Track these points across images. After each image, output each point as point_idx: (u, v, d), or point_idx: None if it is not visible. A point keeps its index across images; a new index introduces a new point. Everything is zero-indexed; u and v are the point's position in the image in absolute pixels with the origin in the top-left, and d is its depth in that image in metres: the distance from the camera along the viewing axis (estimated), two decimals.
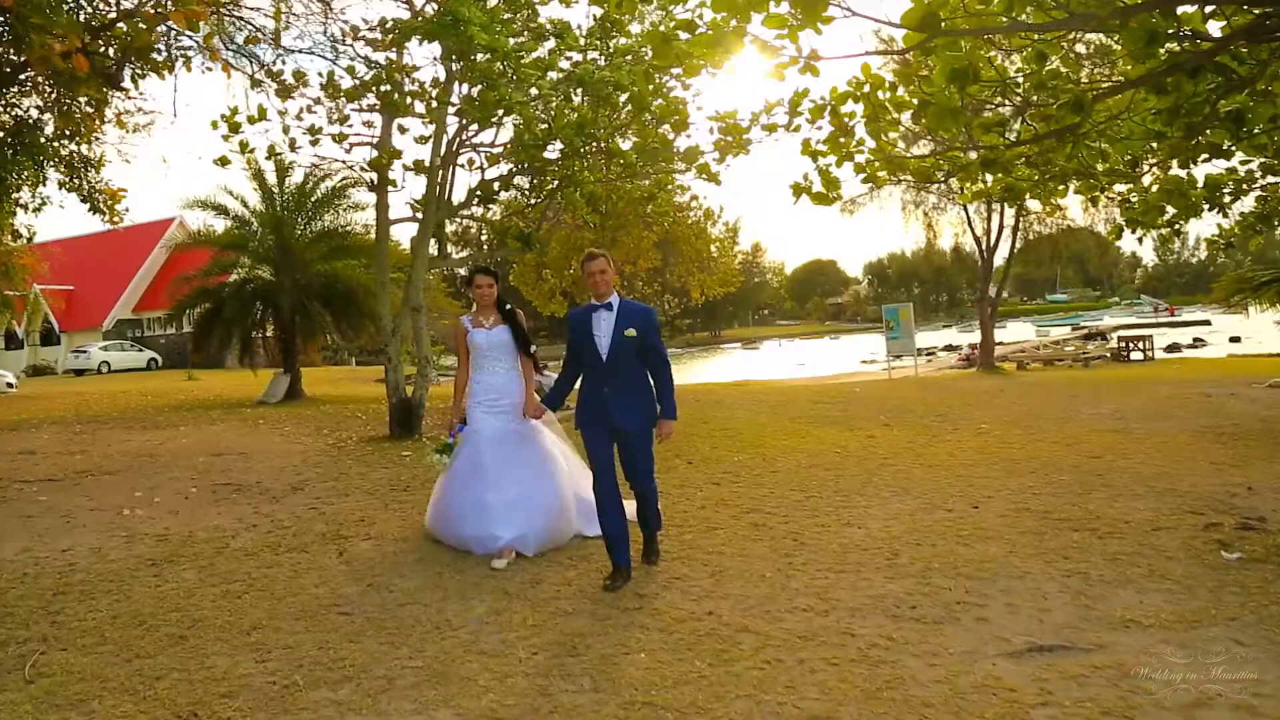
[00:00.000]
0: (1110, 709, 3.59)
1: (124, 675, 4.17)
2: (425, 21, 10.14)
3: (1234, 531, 6.23)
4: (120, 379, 38.13)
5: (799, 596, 5.13)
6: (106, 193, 13.13)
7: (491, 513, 5.94)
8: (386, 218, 12.90)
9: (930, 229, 30.51)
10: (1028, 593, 5.09)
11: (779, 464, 9.63)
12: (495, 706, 3.76)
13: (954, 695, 3.76)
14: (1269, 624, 4.46)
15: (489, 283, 6.33)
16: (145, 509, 7.93)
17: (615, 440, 5.55)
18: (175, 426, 14.70)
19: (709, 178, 13.64)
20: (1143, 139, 8.62)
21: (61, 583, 5.67)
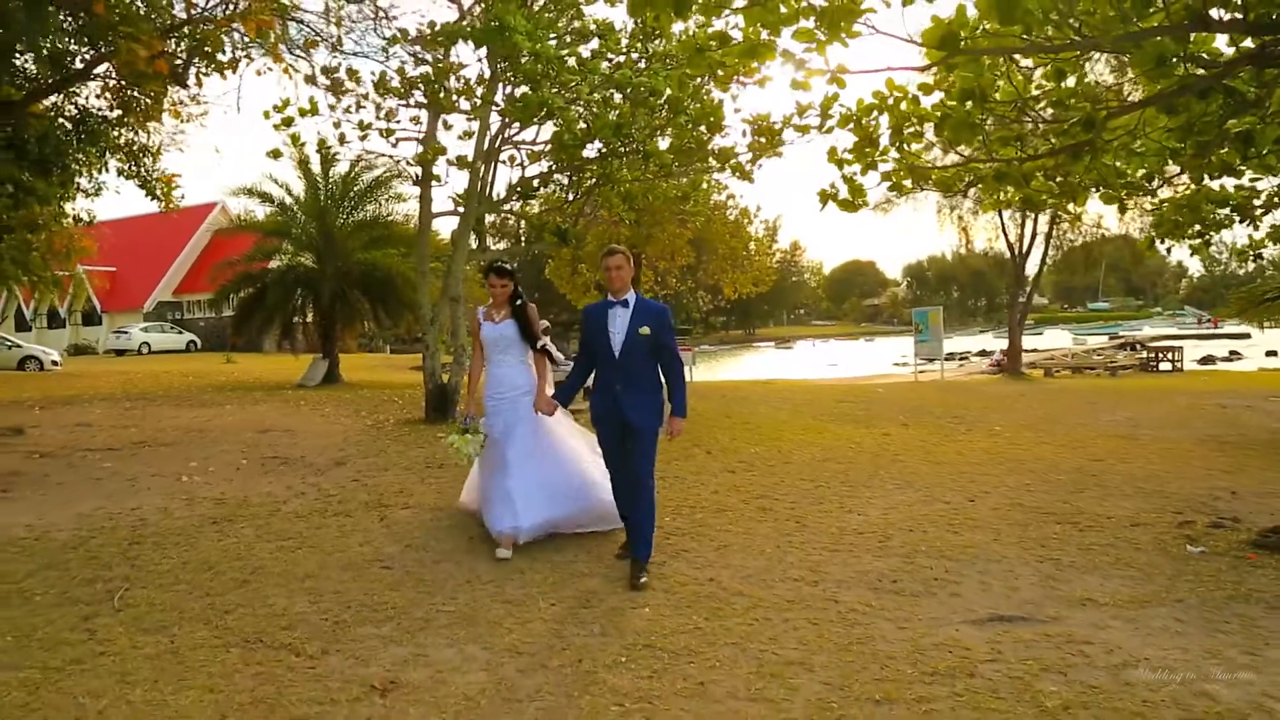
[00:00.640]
0: (1049, 666, 4.11)
1: (198, 608, 4.82)
2: (473, 28, 10.75)
3: (1205, 529, 6.69)
4: (160, 360, 39.11)
5: (792, 569, 5.68)
6: (162, 179, 13.88)
7: (508, 502, 6.01)
8: (429, 211, 13.56)
9: (964, 233, 30.72)
10: (1001, 573, 5.61)
11: (793, 456, 10.13)
12: (516, 644, 4.36)
13: (915, 651, 4.30)
14: (1209, 606, 4.95)
15: (503, 283, 6.32)
16: (201, 477, 8.63)
17: (623, 435, 5.62)
18: (220, 405, 15.46)
19: (743, 176, 14.18)
20: (1157, 155, 9.02)
21: (135, 534, 6.36)
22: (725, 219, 29.13)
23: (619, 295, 5.61)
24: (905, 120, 8.77)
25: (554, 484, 6.19)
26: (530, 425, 6.19)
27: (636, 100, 11.62)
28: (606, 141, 12.13)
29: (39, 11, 7.42)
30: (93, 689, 3.82)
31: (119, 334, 48.63)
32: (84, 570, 5.50)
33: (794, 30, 6.59)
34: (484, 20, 10.80)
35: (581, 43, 13.13)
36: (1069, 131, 8.12)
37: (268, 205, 24.05)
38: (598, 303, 5.85)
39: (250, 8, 7.90)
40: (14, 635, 4.42)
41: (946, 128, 8.18)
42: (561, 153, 12.92)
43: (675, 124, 12.60)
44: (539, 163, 14.11)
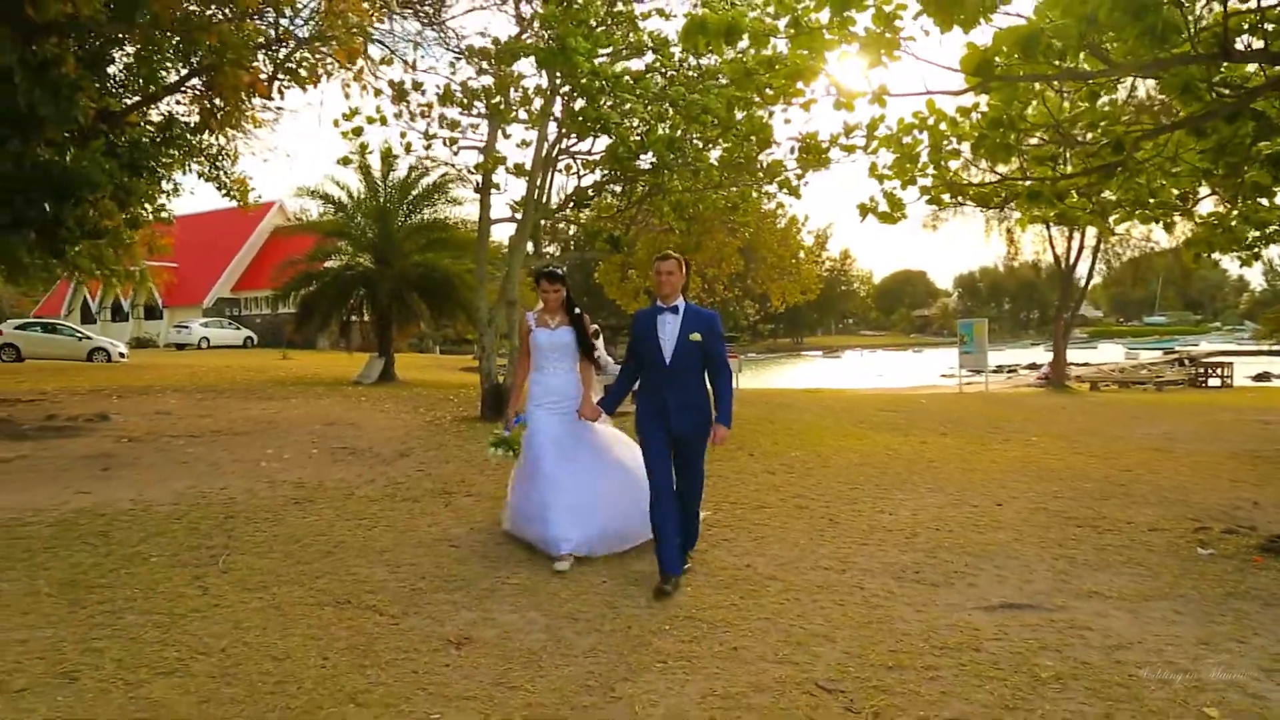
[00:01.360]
0: (1049, 645, 4.58)
1: (292, 573, 5.47)
2: (535, 47, 11.40)
3: (1218, 535, 7.07)
4: (219, 354, 40.32)
5: (823, 559, 6.19)
6: (237, 182, 14.72)
7: (555, 515, 5.89)
8: (488, 217, 14.24)
9: (1012, 244, 30.85)
10: (1017, 569, 6.06)
11: (832, 461, 10.60)
12: (573, 611, 4.93)
13: (928, 630, 4.79)
14: (1208, 601, 5.37)
15: (555, 288, 6.18)
16: (278, 463, 9.33)
17: (672, 443, 5.57)
18: (286, 399, 16.28)
19: (790, 191, 14.71)
20: (1190, 175, 9.39)
21: (228, 510, 7.05)
22: (774, 228, 29.61)
23: (669, 301, 5.55)
24: (944, 139, 9.26)
25: (609, 495, 6.04)
26: (580, 436, 6.10)
27: (689, 116, 12.18)
28: (659, 154, 12.71)
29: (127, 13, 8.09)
30: (213, 632, 4.46)
31: (180, 328, 50.10)
32: (188, 539, 6.19)
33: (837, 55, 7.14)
34: (545, 39, 11.44)
35: (636, 56, 13.75)
36: (1099, 153, 8.54)
37: (329, 206, 24.96)
38: (647, 309, 5.77)
39: (341, 36, 8.62)
40: (140, 589, 5.10)
41: (983, 147, 8.68)
42: (616, 164, 13.54)
43: (726, 138, 13.15)
44: (593, 172, 14.76)
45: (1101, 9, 5.26)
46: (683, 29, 8.46)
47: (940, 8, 5.84)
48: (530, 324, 6.27)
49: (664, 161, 13.18)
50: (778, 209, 28.34)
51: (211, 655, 4.20)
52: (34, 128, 8.90)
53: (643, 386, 5.72)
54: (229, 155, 13.73)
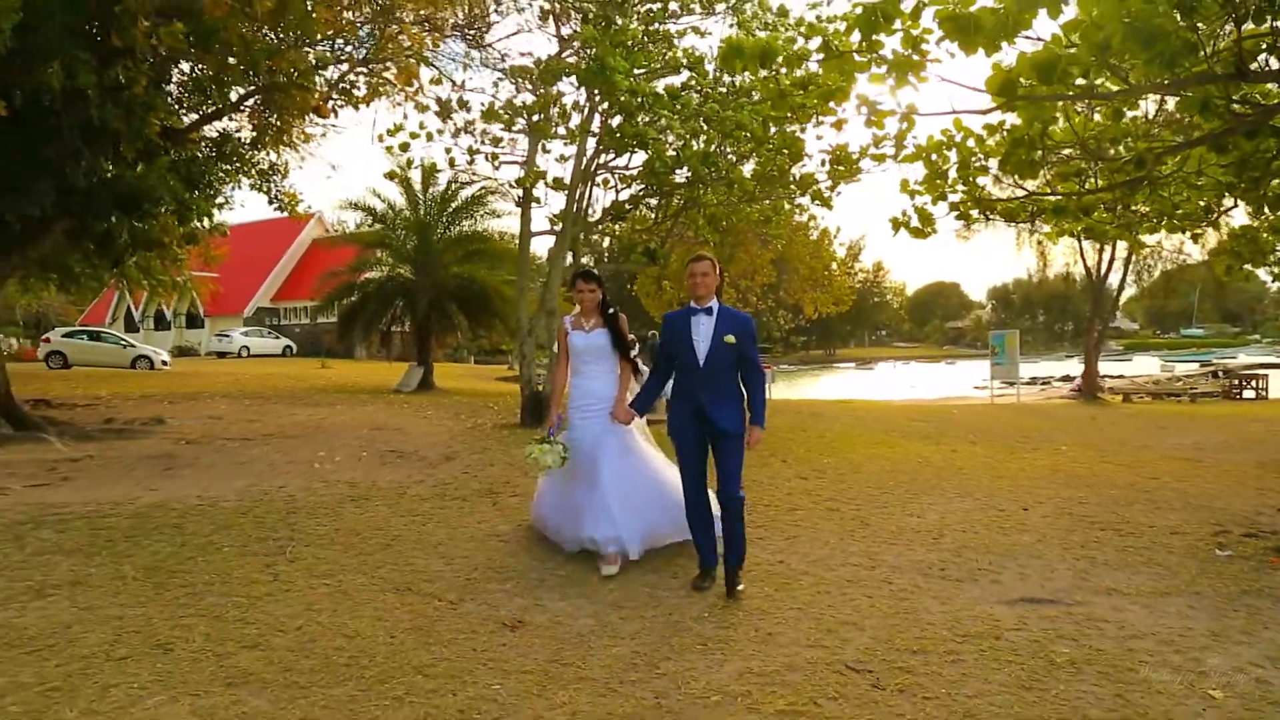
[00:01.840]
0: (1065, 635, 4.87)
1: (354, 563, 5.87)
2: (576, 67, 11.83)
3: (1238, 538, 7.29)
4: (260, 363, 41.03)
5: (853, 557, 6.49)
6: (287, 195, 15.26)
7: (592, 516, 5.95)
8: (529, 230, 14.67)
9: (1043, 257, 30.91)
10: (1040, 567, 6.33)
11: (863, 468, 10.87)
12: (618, 600, 5.29)
13: (952, 620, 5.09)
14: (1222, 598, 5.62)
15: (590, 288, 6.18)
16: (330, 465, 9.77)
17: (709, 443, 5.58)
18: (331, 405, 16.80)
19: (822, 203, 15.03)
20: (1214, 189, 9.62)
21: (289, 506, 7.48)
22: (806, 239, 29.88)
23: (703, 303, 5.52)
24: (972, 156, 9.56)
25: (651, 494, 6.11)
26: (621, 438, 6.11)
27: (724, 132, 12.55)
28: (695, 169, 13.08)
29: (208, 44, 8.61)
30: (287, 613, 4.86)
31: (220, 337, 51.11)
32: (255, 531, 6.62)
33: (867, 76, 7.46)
34: (585, 58, 11.87)
35: (672, 73, 14.15)
36: (1123, 169, 8.80)
37: (369, 218, 25.60)
38: (679, 310, 5.73)
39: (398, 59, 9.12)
40: (216, 575, 5.52)
41: (1009, 164, 8.97)
42: (652, 178, 13.93)
43: (759, 153, 13.50)
44: (630, 186, 15.17)
45: (1114, 37, 5.56)
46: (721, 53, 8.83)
47: (962, 32, 6.12)
48: (567, 327, 6.28)
49: (699, 175, 13.55)
50: (809, 221, 28.61)
51: (288, 632, 4.59)
52: (105, 144, 9.44)
53: (675, 389, 5.66)
54: (280, 170, 14.27)
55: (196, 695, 3.82)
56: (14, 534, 6.31)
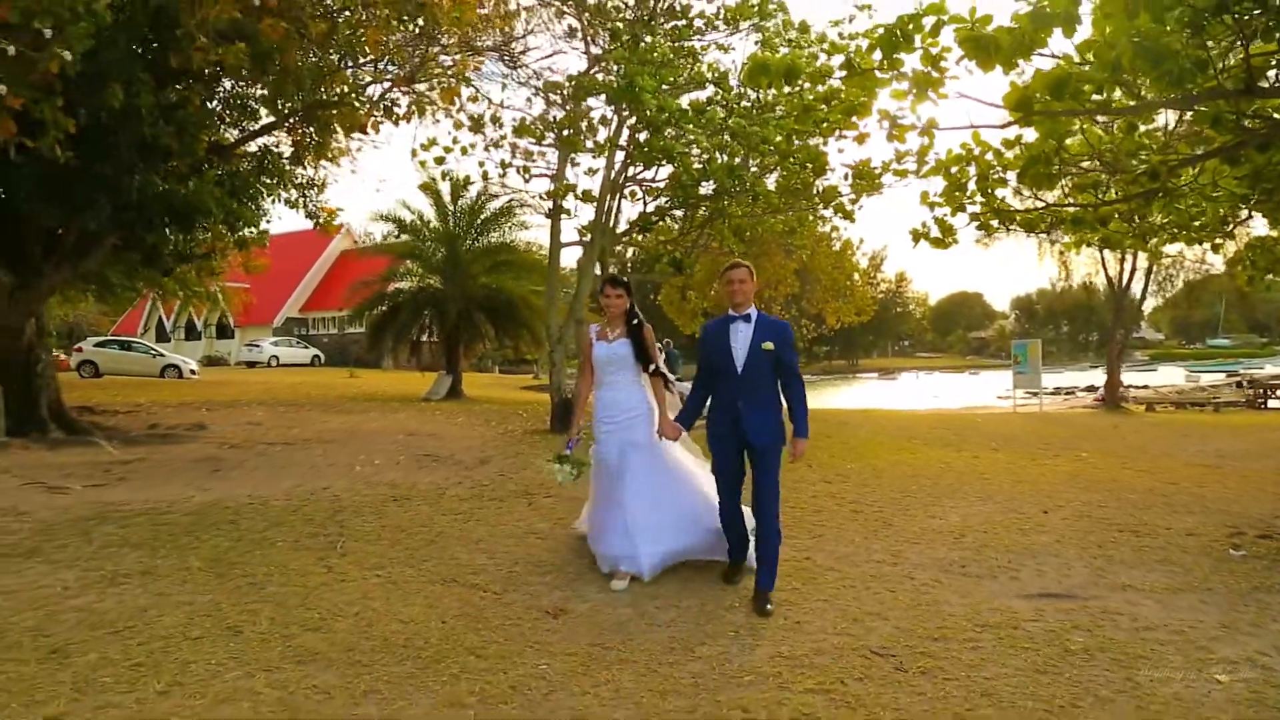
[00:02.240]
0: (1080, 625, 5.12)
1: (401, 557, 6.20)
2: (607, 85, 12.19)
3: (1253, 539, 7.49)
4: (289, 372, 41.49)
5: (876, 554, 6.76)
6: (324, 209, 15.67)
7: (612, 533, 5.90)
8: (559, 241, 15.02)
9: (1064, 267, 31.00)
10: (1057, 565, 6.57)
11: (886, 473, 11.12)
12: (654, 591, 5.58)
13: (972, 612, 5.35)
14: (1234, 594, 5.84)
15: (618, 293, 6.08)
16: (370, 468, 10.12)
17: (745, 455, 5.55)
18: (364, 412, 17.18)
19: (845, 215, 15.30)
20: (1229, 200, 9.83)
21: (335, 505, 7.83)
22: (829, 250, 30.13)
23: (741, 310, 5.52)
24: (991, 169, 9.82)
25: (674, 513, 5.96)
26: (646, 450, 5.98)
27: (749, 146, 12.86)
28: (720, 181, 13.39)
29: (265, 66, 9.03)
30: (344, 600, 5.19)
31: (250, 347, 51.75)
32: (306, 527, 6.96)
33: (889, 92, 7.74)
34: (616, 77, 12.23)
35: (697, 89, 14.48)
36: (1138, 181, 9.04)
37: (400, 230, 26.08)
38: (717, 319, 5.72)
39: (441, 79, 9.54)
40: (274, 566, 5.86)
41: (1027, 177, 9.24)
42: (679, 190, 14.25)
43: (783, 166, 13.80)
44: (657, 199, 15.48)
45: (1124, 56, 5.82)
46: (746, 70, 9.13)
47: (980, 50, 6.39)
48: (591, 337, 6.19)
49: (724, 188, 13.85)
50: (832, 232, 28.86)
51: (347, 617, 4.92)
52: (157, 160, 9.87)
53: (715, 397, 5.64)
54: (317, 184, 14.69)
55: (269, 671, 4.15)
56: (81, 529, 6.68)
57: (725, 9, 14.77)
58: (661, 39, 13.29)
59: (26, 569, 5.63)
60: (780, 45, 14.36)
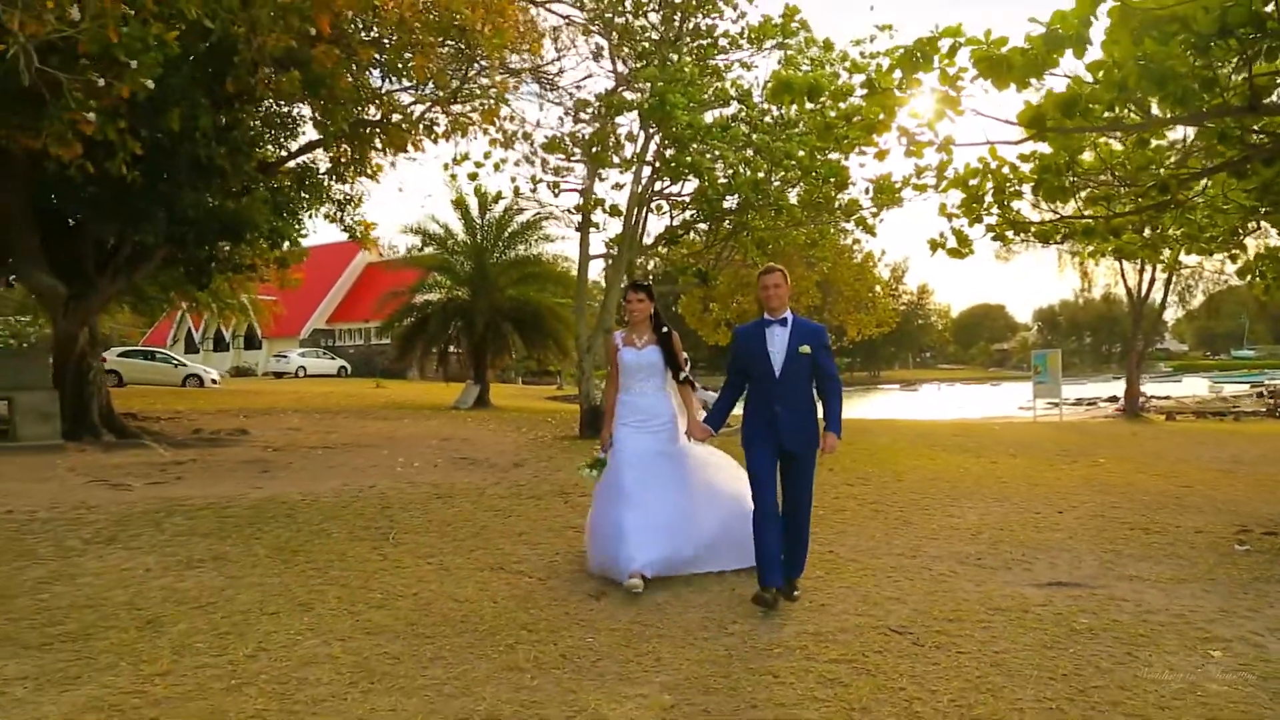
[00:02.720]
0: (1087, 609, 5.48)
1: (450, 547, 6.65)
2: (638, 103, 12.69)
3: (1259, 535, 7.81)
4: (316, 383, 41.88)
5: (896, 548, 7.13)
6: (361, 224, 16.22)
7: (628, 535, 5.76)
8: (587, 254, 15.51)
9: (1085, 278, 31.21)
10: (1069, 559, 6.92)
11: (905, 476, 11.47)
12: (686, 579, 5.97)
13: (985, 597, 5.72)
14: (1235, 583, 6.18)
15: (640, 299, 6.11)
16: (411, 469, 10.59)
17: (780, 460, 5.54)
18: (397, 419, 17.70)
19: (866, 229, 15.70)
20: (1239, 212, 10.16)
21: (383, 501, 8.29)
22: (850, 262, 30.47)
23: (777, 314, 5.54)
24: (1006, 182, 10.19)
25: (688, 520, 5.95)
26: (671, 459, 6.00)
27: (773, 161, 13.31)
28: (744, 195, 13.84)
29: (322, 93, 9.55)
30: (402, 583, 5.64)
31: (279, 358, 52.52)
32: (358, 521, 7.43)
33: (907, 110, 8.14)
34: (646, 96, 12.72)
35: (722, 105, 14.94)
36: (1148, 194, 9.40)
37: (429, 242, 26.71)
38: (752, 323, 5.76)
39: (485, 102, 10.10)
40: (334, 554, 6.32)
41: (1041, 190, 9.62)
42: (704, 204, 14.71)
43: (806, 181, 14.23)
44: (683, 212, 15.95)
45: (1130, 78, 6.21)
46: (771, 89, 9.54)
47: (995, 70, 6.78)
48: (617, 344, 6.17)
49: (749, 202, 14.30)
50: (853, 244, 29.21)
51: (406, 598, 5.36)
52: (210, 178, 10.43)
53: (751, 401, 5.65)
54: (354, 199, 15.26)
55: (342, 640, 4.59)
56: (152, 520, 7.17)
57: (749, 28, 15.21)
58: (687, 57, 13.76)
59: (108, 554, 6.11)
60: (803, 62, 14.79)
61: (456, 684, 4.03)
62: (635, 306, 6.12)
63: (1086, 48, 6.64)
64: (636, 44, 14.47)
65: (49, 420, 11.52)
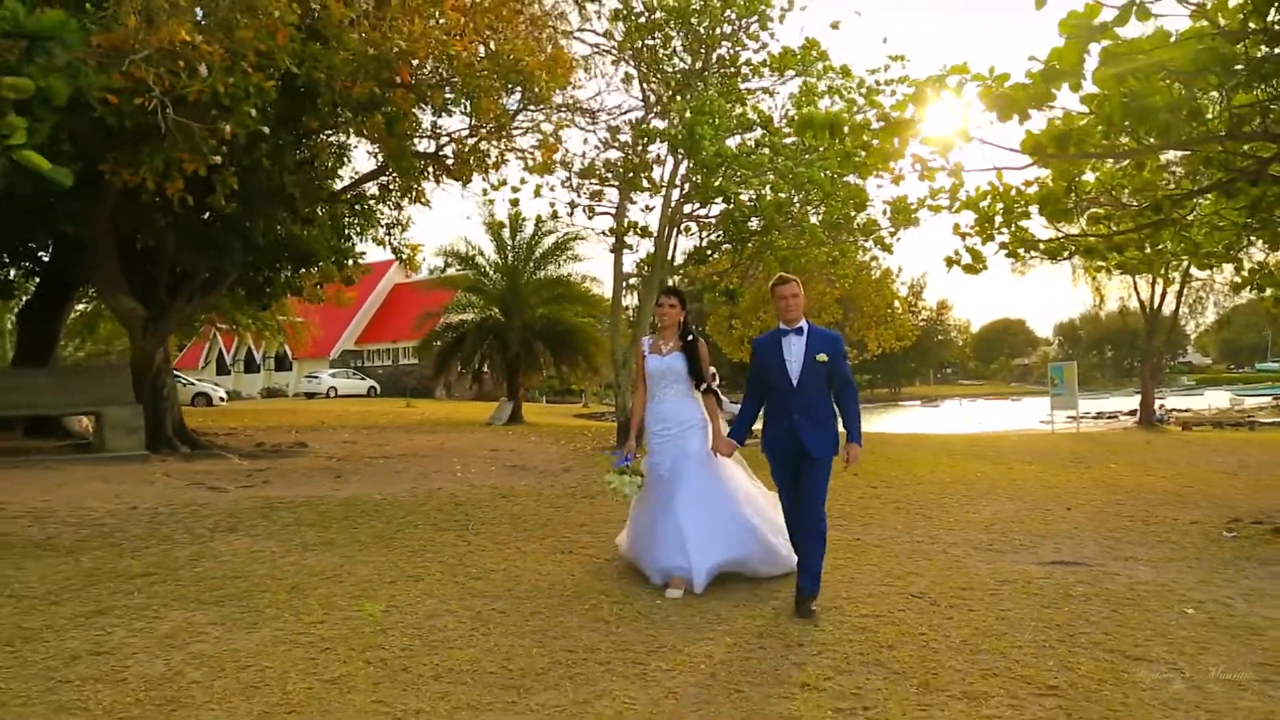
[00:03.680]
0: (1084, 580, 6.32)
1: (522, 536, 7.56)
2: (668, 133, 13.68)
3: (1247, 525, 8.61)
4: (348, 402, 42.99)
5: (916, 536, 7.99)
6: (409, 246, 17.24)
7: (664, 544, 5.95)
8: (621, 273, 16.48)
9: (1098, 292, 31.96)
10: (1072, 544, 7.75)
11: (926, 480, 12.30)
12: None
13: (993, 573, 6.57)
14: (1217, 561, 7.00)
15: (672, 304, 6.16)
16: (469, 474, 11.52)
17: (798, 463, 5.63)
18: (443, 434, 18.67)
19: (884, 248, 16.60)
20: (1233, 229, 10.99)
21: (454, 500, 9.23)
22: (870, 279, 31.31)
23: (793, 324, 5.61)
24: (1015, 204, 11.08)
25: (727, 525, 6.04)
26: (699, 462, 6.07)
27: (796, 185, 14.26)
28: (769, 217, 14.79)
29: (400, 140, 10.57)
30: (490, 561, 6.57)
31: (310, 378, 53.70)
32: (436, 515, 8.36)
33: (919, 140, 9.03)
34: (676, 125, 13.71)
35: (746, 131, 15.91)
36: (1143, 214, 10.26)
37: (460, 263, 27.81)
38: (768, 333, 5.85)
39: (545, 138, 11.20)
40: (424, 541, 7.25)
41: (1046, 211, 10.52)
42: (730, 225, 15.67)
43: (827, 203, 15.17)
44: (710, 233, 16.92)
45: (1115, 114, 7.09)
46: (796, 124, 10.47)
47: (997, 104, 7.64)
48: (644, 350, 6.26)
49: (773, 223, 15.23)
50: (872, 261, 30.04)
51: (497, 572, 6.28)
52: (280, 207, 11.44)
53: (769, 410, 5.73)
54: (402, 224, 16.32)
55: (455, 601, 5.50)
56: (261, 514, 8.13)
57: (771, 57, 16.17)
58: (713, 90, 14.73)
59: (234, 540, 7.06)
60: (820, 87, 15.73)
61: (556, 630, 4.94)
62: (666, 311, 6.16)
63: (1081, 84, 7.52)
64: (666, 76, 15.46)
65: (134, 433, 12.54)
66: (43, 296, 16.46)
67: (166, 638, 4.57)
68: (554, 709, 3.79)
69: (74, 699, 3.74)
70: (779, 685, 4.16)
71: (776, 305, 5.71)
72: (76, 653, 4.31)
